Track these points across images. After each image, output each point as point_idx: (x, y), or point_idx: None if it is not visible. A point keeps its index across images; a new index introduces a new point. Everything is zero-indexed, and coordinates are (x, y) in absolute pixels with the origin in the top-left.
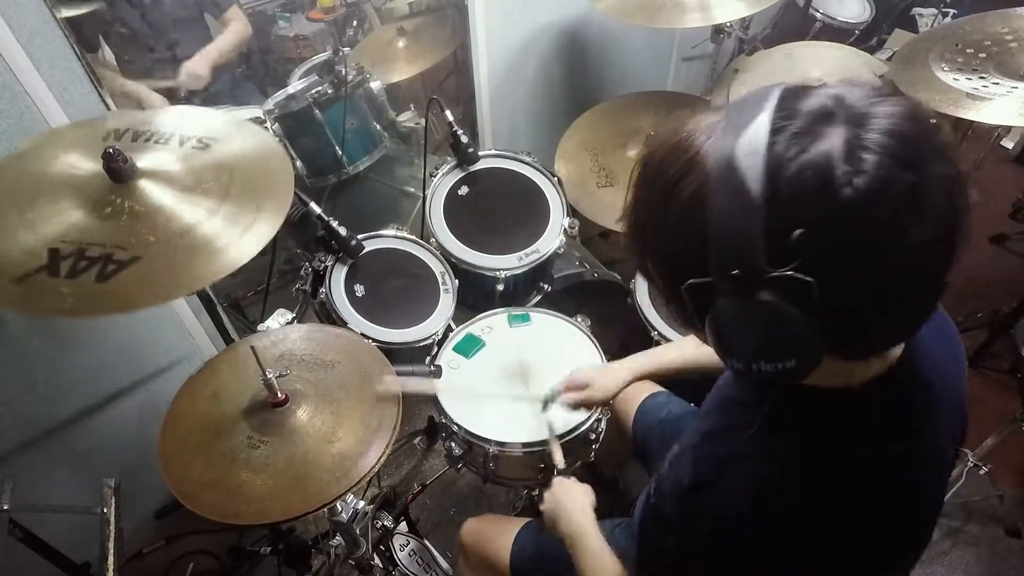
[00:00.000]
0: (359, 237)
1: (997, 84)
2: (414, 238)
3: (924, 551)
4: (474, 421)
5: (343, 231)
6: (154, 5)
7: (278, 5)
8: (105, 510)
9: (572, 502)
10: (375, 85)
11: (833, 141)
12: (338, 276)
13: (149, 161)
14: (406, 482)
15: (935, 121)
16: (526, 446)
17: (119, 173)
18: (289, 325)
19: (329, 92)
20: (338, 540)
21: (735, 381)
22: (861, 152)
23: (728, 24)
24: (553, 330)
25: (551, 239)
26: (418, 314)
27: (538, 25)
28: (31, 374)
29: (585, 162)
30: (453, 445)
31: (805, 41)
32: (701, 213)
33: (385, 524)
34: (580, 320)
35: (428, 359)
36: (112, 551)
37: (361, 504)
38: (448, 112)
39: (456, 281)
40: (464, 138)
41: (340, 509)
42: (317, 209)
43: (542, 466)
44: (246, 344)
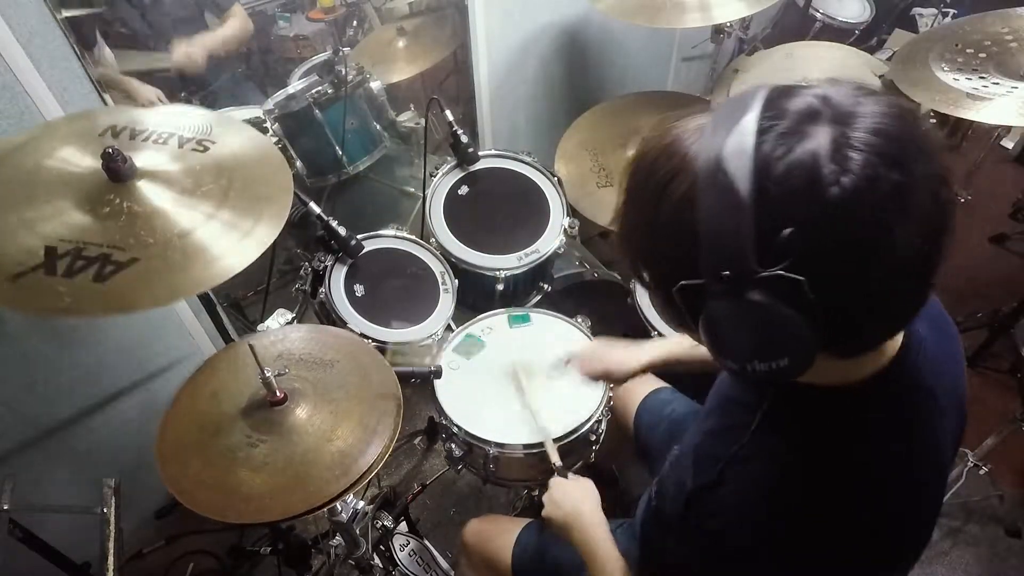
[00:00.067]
0: (359, 237)
1: (997, 84)
2: (414, 238)
3: (924, 551)
4: (474, 422)
5: (343, 231)
6: (154, 5)
7: (278, 5)
8: (105, 510)
9: (576, 503)
10: (375, 85)
11: (819, 140)
12: (338, 276)
13: (148, 161)
14: (406, 482)
15: (920, 119)
16: (526, 447)
17: (118, 173)
18: (288, 325)
19: (329, 92)
20: (338, 540)
21: (733, 381)
22: (847, 151)
23: (728, 24)
24: (554, 331)
25: (551, 239)
26: (418, 314)
27: (538, 25)
28: (31, 374)
29: (585, 162)
30: (453, 446)
31: (805, 41)
32: (691, 214)
33: (385, 524)
34: (580, 320)
35: (428, 359)
36: (112, 551)
37: (361, 504)
38: (448, 112)
39: (456, 281)
40: (464, 138)
41: (340, 509)
42: (317, 209)
43: (542, 467)
44: (245, 343)
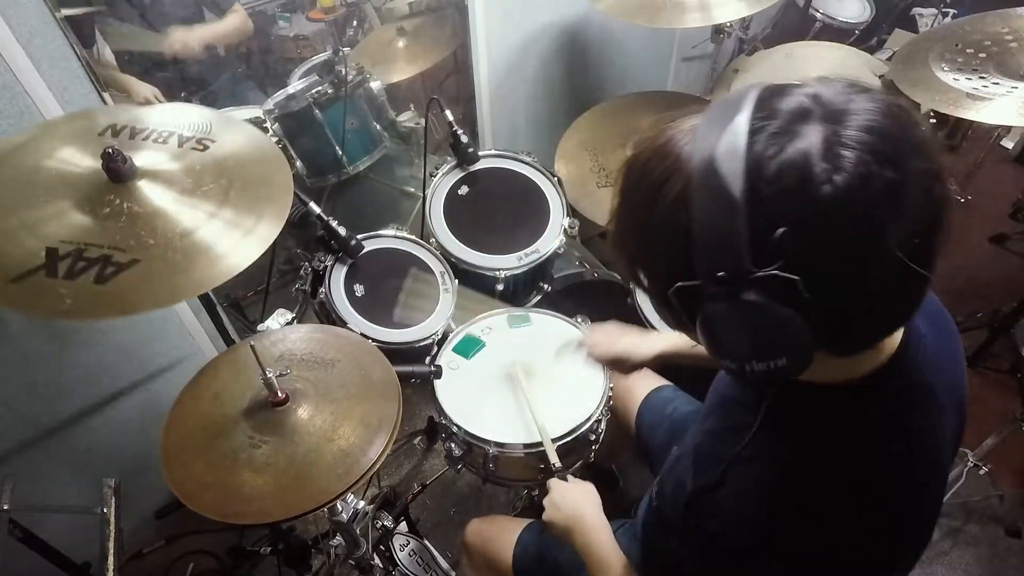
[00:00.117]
0: (359, 237)
1: (997, 84)
2: (414, 238)
3: (924, 551)
4: (474, 421)
5: (343, 231)
6: (154, 4)
7: (278, 5)
8: (105, 510)
9: (577, 507)
10: (375, 85)
11: (811, 139)
12: (338, 276)
13: (148, 161)
14: (406, 482)
15: (913, 115)
16: (526, 447)
17: (118, 173)
18: (289, 325)
19: (329, 92)
20: (338, 540)
21: (733, 380)
22: (840, 149)
23: (728, 24)
24: (554, 331)
25: (551, 239)
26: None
27: (538, 25)
28: (31, 374)
29: (585, 162)
30: (453, 446)
31: (805, 41)
32: (685, 215)
33: (385, 524)
34: (580, 320)
35: (428, 359)
36: (112, 551)
37: (361, 504)
38: (448, 112)
39: (456, 281)
40: (464, 138)
41: (340, 509)
42: (317, 209)
43: (542, 466)
44: (247, 345)
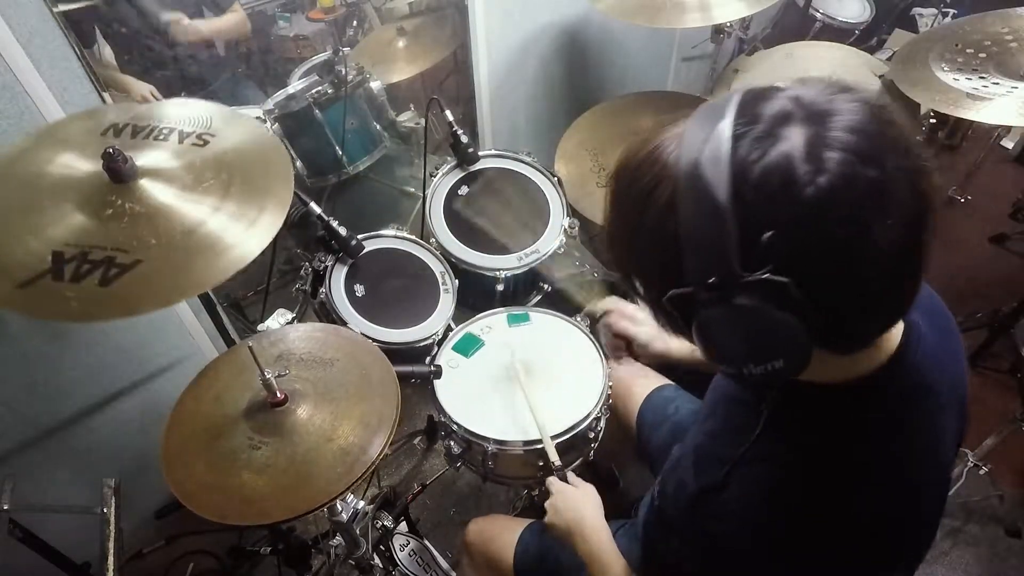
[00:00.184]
0: (359, 237)
1: (997, 84)
2: (414, 238)
3: (927, 552)
4: (473, 419)
5: (343, 231)
6: (153, 4)
7: (278, 5)
8: (105, 510)
9: (578, 511)
10: (375, 85)
11: (793, 141)
12: (338, 276)
13: (149, 159)
14: (406, 482)
15: (894, 113)
16: (526, 444)
17: (119, 173)
18: (288, 325)
19: (329, 92)
20: (338, 540)
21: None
22: (822, 150)
23: (728, 24)
24: (553, 330)
25: (551, 239)
26: (418, 314)
27: (538, 25)
28: (31, 374)
29: (585, 162)
30: (452, 443)
31: (805, 41)
32: (674, 222)
33: (385, 524)
34: (580, 320)
35: (428, 359)
36: (112, 551)
37: (361, 504)
38: (448, 112)
39: (456, 281)
40: (464, 138)
41: (340, 509)
42: (317, 209)
43: (541, 464)
44: (245, 346)
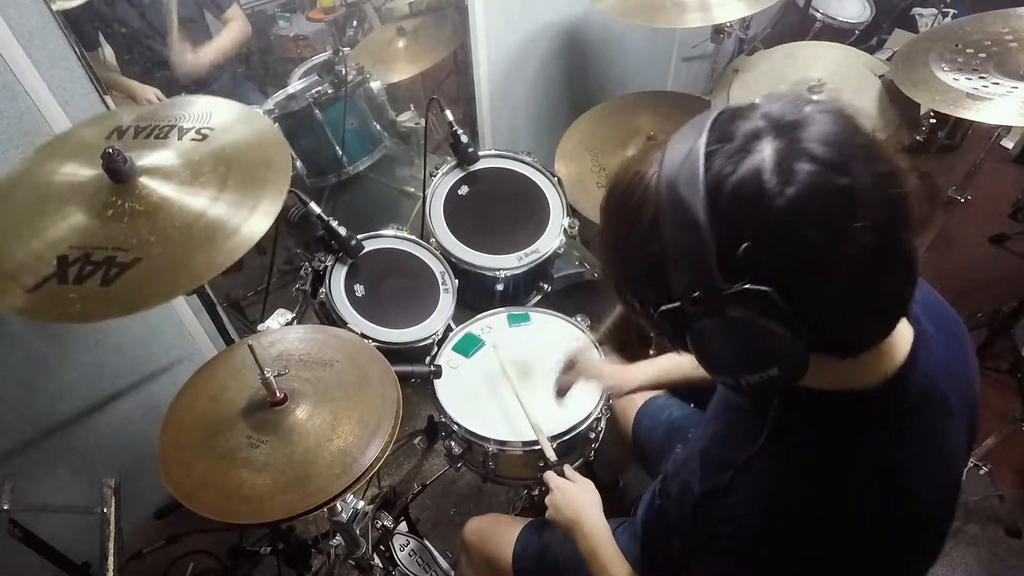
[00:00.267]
0: (359, 237)
1: (997, 84)
2: (414, 238)
3: (936, 558)
4: (473, 419)
5: (343, 231)
6: (153, 4)
7: (278, 5)
8: (105, 510)
9: (576, 508)
10: (375, 85)
11: (763, 154)
12: (338, 276)
13: (149, 158)
14: (406, 482)
15: (861, 122)
16: (526, 445)
17: (119, 173)
18: (288, 325)
19: (329, 92)
20: (338, 540)
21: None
22: (790, 162)
23: (728, 24)
24: (553, 330)
25: (551, 239)
26: (418, 314)
27: (538, 25)
28: (31, 374)
29: (585, 162)
30: (453, 444)
31: (805, 41)
32: (658, 242)
33: (385, 524)
34: (580, 320)
35: (428, 359)
36: (112, 551)
37: (361, 504)
38: (448, 112)
39: (456, 281)
40: (464, 138)
41: (340, 509)
42: (317, 209)
43: (541, 465)
44: (244, 345)
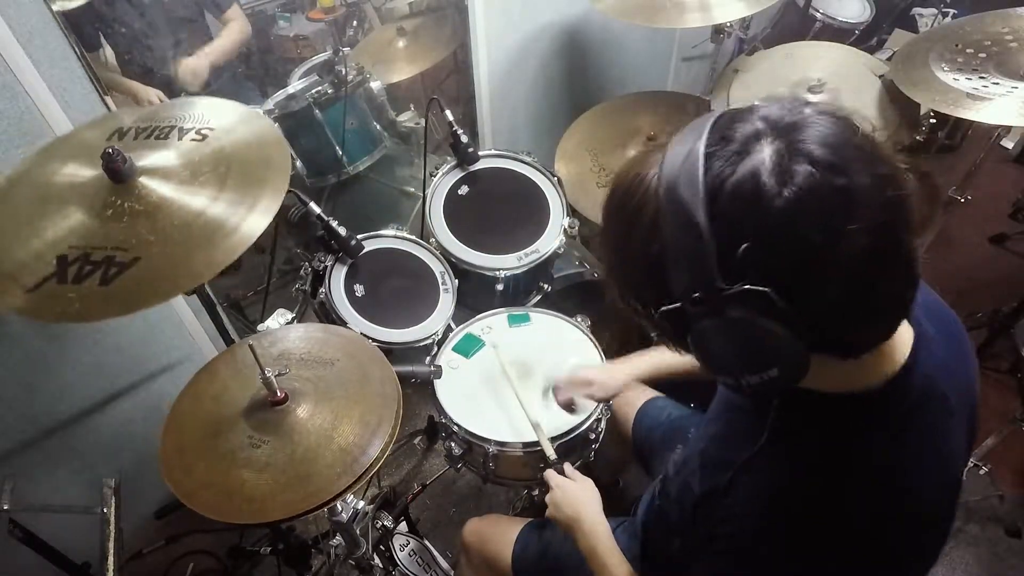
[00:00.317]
0: (359, 237)
1: (997, 84)
2: (414, 238)
3: (936, 559)
4: (474, 420)
5: (343, 231)
6: (154, 4)
7: (278, 5)
8: (105, 510)
9: (576, 507)
10: (375, 85)
11: (761, 156)
12: (338, 276)
13: (149, 158)
14: (406, 482)
15: (859, 124)
16: (526, 446)
17: (118, 173)
18: (288, 325)
19: (329, 92)
20: (338, 540)
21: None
22: (788, 163)
23: (728, 24)
24: (553, 330)
25: (551, 239)
26: (418, 314)
27: (538, 25)
28: (31, 374)
29: (585, 162)
30: (453, 445)
31: (805, 41)
32: (658, 243)
33: (385, 524)
34: (580, 320)
35: (428, 359)
36: (112, 551)
37: (361, 504)
38: (448, 112)
39: (456, 281)
40: (464, 138)
41: (340, 509)
42: (317, 209)
43: (542, 466)
44: (245, 345)
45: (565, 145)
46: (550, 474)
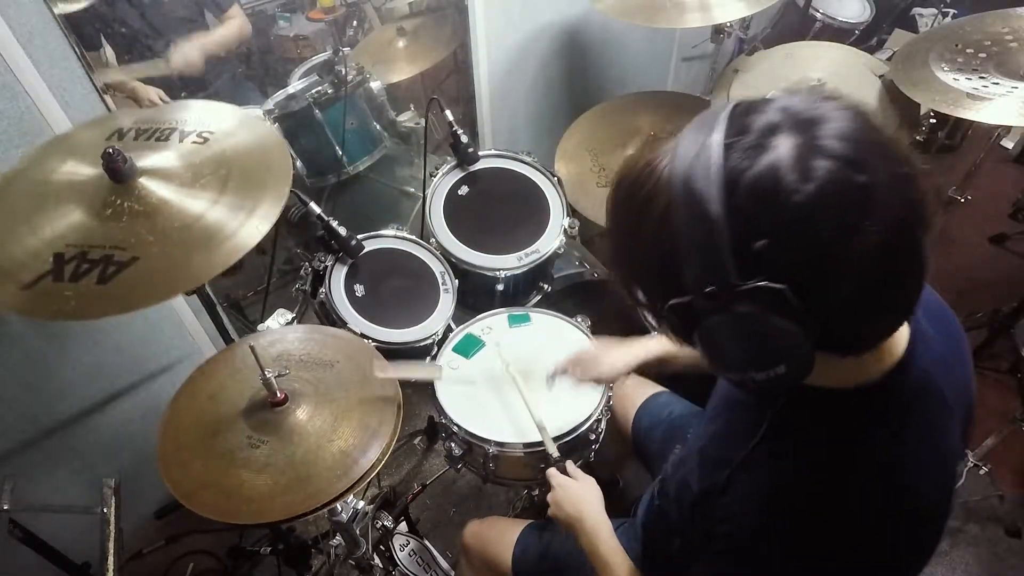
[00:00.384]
0: (359, 237)
1: (997, 84)
2: (414, 238)
3: (931, 556)
4: (474, 421)
5: (343, 231)
6: (154, 4)
7: (278, 5)
8: (105, 510)
9: (577, 506)
10: (375, 85)
11: (781, 150)
12: (338, 276)
13: (150, 159)
14: (406, 482)
15: (880, 120)
16: (526, 446)
17: (119, 173)
18: (288, 325)
19: (329, 92)
20: (338, 540)
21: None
22: (809, 158)
23: (728, 24)
24: (553, 330)
25: (551, 239)
26: (418, 314)
27: (538, 25)
28: (31, 374)
29: (585, 162)
30: (453, 445)
31: (805, 41)
32: (669, 234)
33: (385, 524)
34: (580, 320)
35: (428, 359)
36: (112, 551)
37: (361, 504)
38: (448, 112)
39: (456, 281)
40: (464, 138)
41: (340, 509)
42: (317, 209)
43: (542, 466)
44: (244, 344)
45: (565, 145)
46: (552, 473)
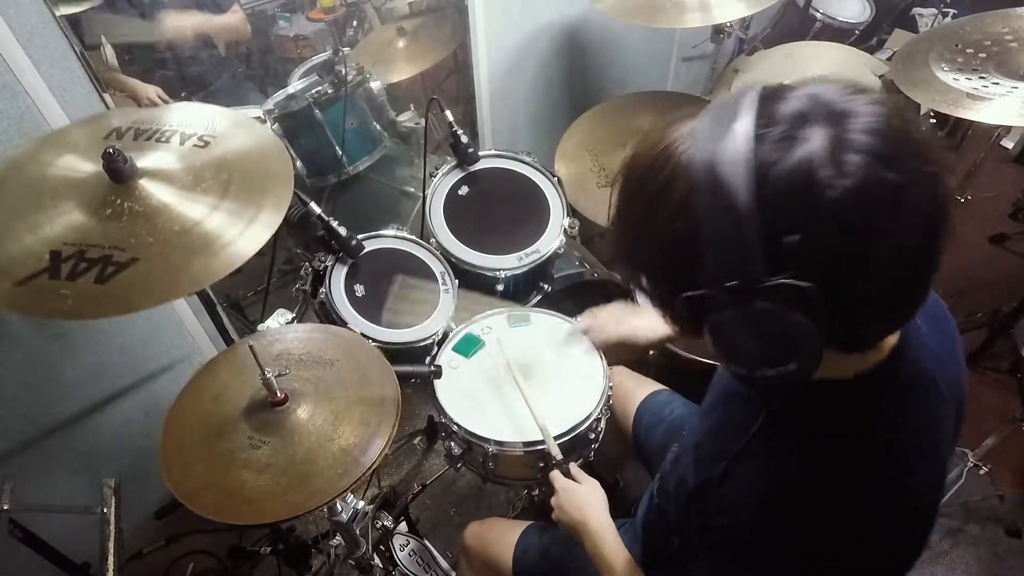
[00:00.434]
0: (359, 237)
1: (997, 84)
2: (414, 238)
3: (922, 551)
4: (473, 420)
5: (343, 231)
6: (154, 5)
7: (278, 5)
8: (105, 510)
9: (581, 509)
10: (375, 85)
11: (814, 144)
12: (338, 276)
13: (150, 161)
14: (406, 482)
15: (913, 116)
16: (526, 445)
17: (119, 173)
18: (288, 325)
19: (329, 92)
20: (338, 540)
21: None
22: (843, 153)
23: (728, 24)
24: (553, 330)
25: (551, 239)
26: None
27: (538, 25)
28: (31, 374)
29: (585, 162)
30: (452, 444)
31: (805, 41)
32: (688, 224)
33: (385, 524)
34: (580, 320)
35: (428, 359)
36: (112, 551)
37: (361, 504)
38: (448, 112)
39: (456, 281)
40: (464, 138)
41: (340, 509)
42: (317, 209)
43: (541, 465)
44: (245, 345)
45: (565, 145)
46: (555, 476)
